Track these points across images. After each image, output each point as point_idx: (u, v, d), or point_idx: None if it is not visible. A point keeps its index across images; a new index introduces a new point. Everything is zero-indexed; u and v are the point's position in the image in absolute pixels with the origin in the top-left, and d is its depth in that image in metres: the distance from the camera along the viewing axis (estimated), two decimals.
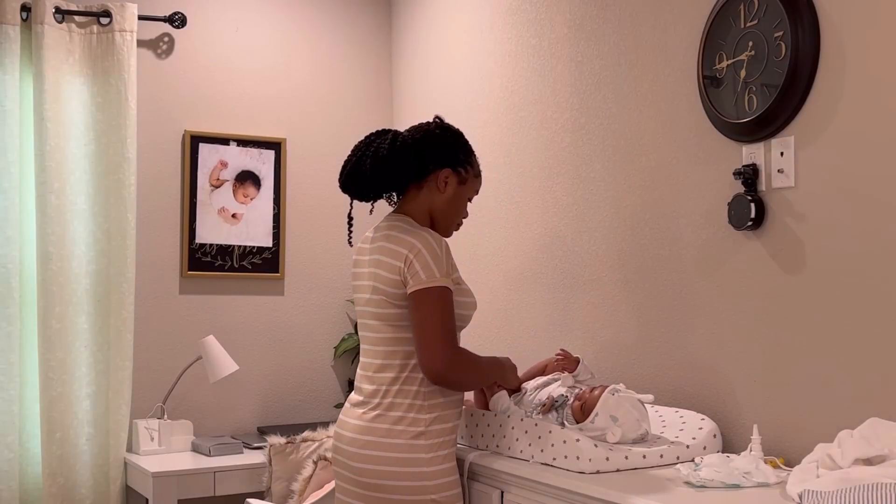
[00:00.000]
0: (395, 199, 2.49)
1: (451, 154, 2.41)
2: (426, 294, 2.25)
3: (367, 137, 2.45)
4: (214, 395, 3.79)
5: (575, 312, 3.00)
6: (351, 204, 2.51)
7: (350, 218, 2.52)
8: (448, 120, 2.51)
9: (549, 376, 2.52)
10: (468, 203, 2.49)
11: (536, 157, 3.19)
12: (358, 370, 2.44)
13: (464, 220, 2.52)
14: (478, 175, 2.48)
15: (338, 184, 2.49)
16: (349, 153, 2.45)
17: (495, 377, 2.51)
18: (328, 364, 4.04)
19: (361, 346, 2.44)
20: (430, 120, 2.49)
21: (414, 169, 2.39)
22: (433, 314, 2.25)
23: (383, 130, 2.45)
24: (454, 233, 2.51)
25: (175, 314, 3.75)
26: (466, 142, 2.47)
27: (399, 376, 2.30)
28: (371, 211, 2.61)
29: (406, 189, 2.44)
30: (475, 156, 2.48)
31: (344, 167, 2.45)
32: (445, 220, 2.45)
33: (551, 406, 2.39)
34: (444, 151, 2.40)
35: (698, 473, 1.99)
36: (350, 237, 2.54)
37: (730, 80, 2.40)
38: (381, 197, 2.48)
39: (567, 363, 2.54)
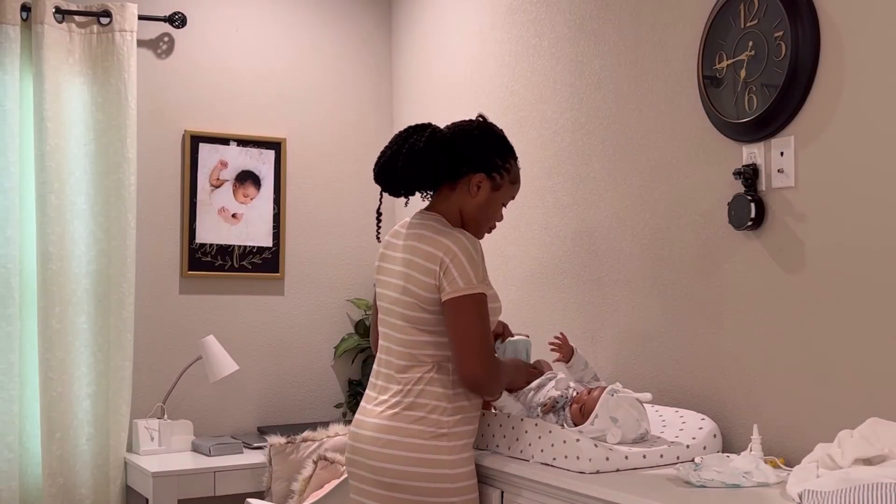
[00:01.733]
0: (428, 196, 2.44)
1: (487, 159, 2.35)
2: (466, 301, 2.23)
3: (406, 129, 2.38)
4: (214, 395, 3.79)
5: (574, 312, 3.00)
6: (381, 198, 2.45)
7: (379, 213, 2.46)
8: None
9: (545, 376, 2.52)
10: (503, 207, 2.43)
11: (536, 157, 3.19)
12: (377, 368, 2.39)
13: (497, 224, 2.47)
14: (514, 181, 2.41)
15: (368, 176, 2.42)
16: (387, 143, 2.38)
17: (514, 381, 2.47)
18: (328, 364, 4.04)
19: (381, 343, 2.39)
20: (473, 118, 2.43)
21: (447, 169, 2.34)
22: (473, 322, 2.23)
23: (424, 125, 2.38)
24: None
25: (175, 314, 3.75)
26: (507, 146, 2.40)
27: (425, 377, 2.27)
28: (406, 204, 2.51)
29: (439, 187, 2.40)
30: (515, 160, 2.42)
31: (379, 158, 2.38)
32: (476, 224, 2.40)
33: (552, 407, 2.39)
34: (480, 155, 2.35)
35: (698, 473, 1.99)
36: (378, 233, 2.48)
37: (730, 80, 2.40)
38: (412, 193, 2.41)
39: (563, 350, 2.50)
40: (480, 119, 2.43)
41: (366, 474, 2.30)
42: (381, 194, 2.43)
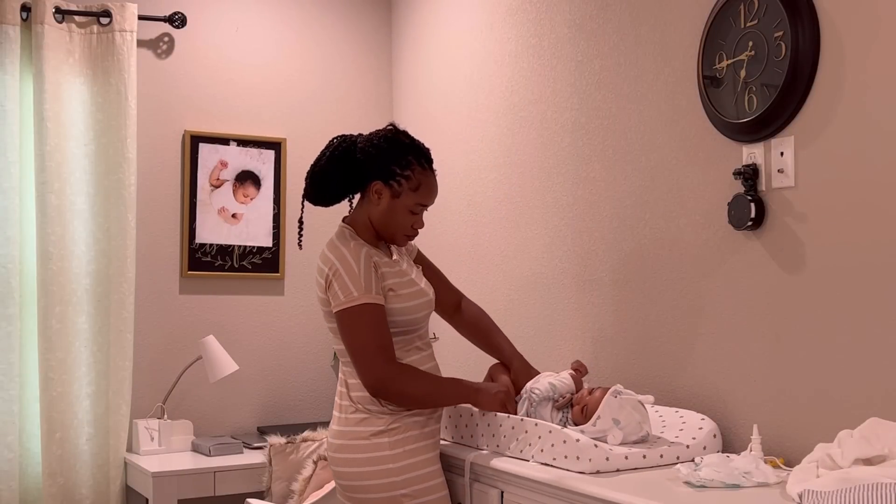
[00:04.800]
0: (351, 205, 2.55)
1: (384, 167, 2.38)
2: (348, 314, 2.30)
3: (328, 142, 2.48)
4: (214, 395, 3.79)
5: (575, 312, 3.00)
6: (302, 207, 2.54)
7: (300, 222, 2.57)
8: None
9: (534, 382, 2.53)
10: (414, 214, 2.43)
11: (536, 157, 3.19)
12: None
13: (419, 230, 2.48)
14: (416, 188, 2.39)
15: None
16: None
17: (458, 398, 2.45)
18: (328, 364, 4.04)
19: None
20: (387, 126, 2.47)
21: (351, 180, 2.43)
22: (357, 332, 2.30)
23: (339, 137, 2.47)
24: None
25: (175, 314, 3.75)
26: (406, 153, 2.40)
27: (358, 382, 2.36)
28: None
29: (359, 196, 2.48)
30: (420, 168, 2.41)
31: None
32: (387, 231, 2.45)
33: (566, 404, 2.39)
34: (376, 164, 2.39)
35: (698, 473, 1.99)
36: (300, 240, 2.61)
37: (730, 80, 2.40)
38: (329, 204, 2.50)
39: (582, 374, 2.53)
40: (390, 128, 2.47)
41: (335, 477, 2.42)
42: (302, 203, 2.52)
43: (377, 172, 2.39)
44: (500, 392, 2.46)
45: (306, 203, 2.52)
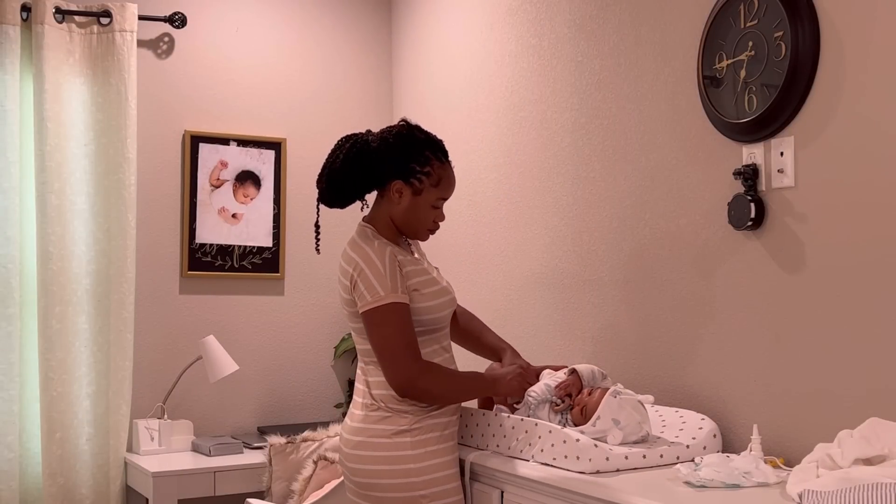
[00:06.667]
0: (367, 206, 2.50)
1: (403, 165, 2.36)
2: (375, 314, 2.28)
3: (338, 142, 2.42)
4: (214, 395, 3.79)
5: (574, 312, 3.00)
6: (318, 211, 2.50)
7: (317, 226, 2.53)
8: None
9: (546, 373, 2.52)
10: (436, 209, 2.42)
11: (536, 157, 3.20)
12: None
13: (440, 223, 2.47)
14: (437, 184, 2.38)
15: None
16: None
17: (479, 391, 2.47)
18: (328, 364, 4.04)
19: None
20: (399, 122, 2.44)
21: (370, 179, 2.39)
22: (385, 333, 2.28)
23: (352, 137, 2.41)
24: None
25: (175, 314, 3.75)
26: (423, 149, 2.38)
27: (382, 380, 2.33)
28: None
29: (378, 193, 2.44)
30: (438, 162, 2.39)
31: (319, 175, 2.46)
32: (409, 228, 2.43)
33: (566, 408, 2.39)
34: (395, 162, 2.36)
35: (698, 473, 1.99)
36: (318, 245, 2.56)
37: (730, 80, 2.40)
38: (345, 205, 2.46)
39: (573, 388, 2.44)
40: (402, 124, 2.43)
41: (347, 475, 2.39)
42: (317, 208, 2.49)
43: (396, 171, 2.36)
44: (514, 376, 2.44)
45: (322, 207, 2.48)
